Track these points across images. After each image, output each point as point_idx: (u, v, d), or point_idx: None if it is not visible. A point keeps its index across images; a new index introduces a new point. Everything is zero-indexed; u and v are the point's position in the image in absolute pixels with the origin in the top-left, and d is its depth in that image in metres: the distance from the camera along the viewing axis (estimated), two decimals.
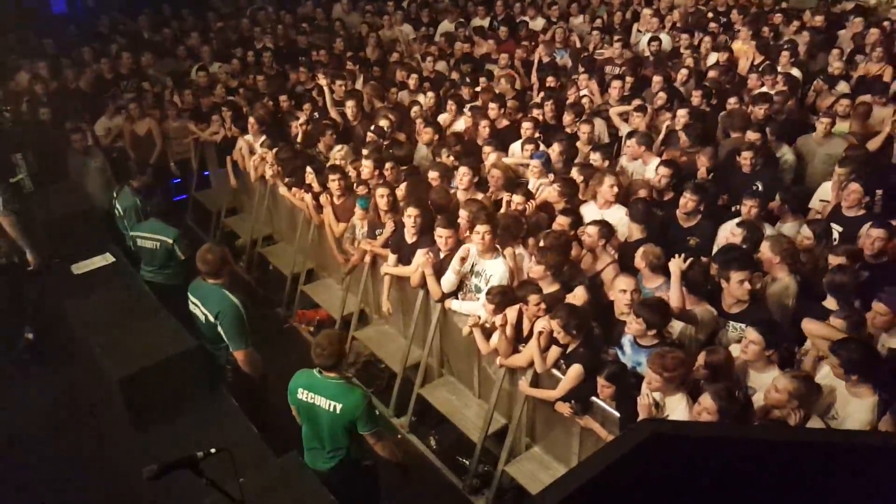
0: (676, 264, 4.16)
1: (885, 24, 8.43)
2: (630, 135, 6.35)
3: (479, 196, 5.59)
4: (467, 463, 4.85)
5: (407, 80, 8.28)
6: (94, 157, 7.32)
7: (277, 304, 6.85)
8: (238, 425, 4.04)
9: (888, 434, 3.21)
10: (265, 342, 4.63)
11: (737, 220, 4.94)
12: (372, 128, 6.92)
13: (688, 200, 5.08)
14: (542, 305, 4.23)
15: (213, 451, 2.69)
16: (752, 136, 5.92)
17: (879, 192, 5.28)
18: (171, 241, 5.39)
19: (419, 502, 4.60)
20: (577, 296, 4.27)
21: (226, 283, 4.31)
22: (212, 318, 4.20)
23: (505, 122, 7.08)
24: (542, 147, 6.22)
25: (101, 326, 4.46)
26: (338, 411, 3.54)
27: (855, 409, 3.55)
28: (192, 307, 4.38)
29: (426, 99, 7.64)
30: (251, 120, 7.35)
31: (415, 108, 7.43)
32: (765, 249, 4.44)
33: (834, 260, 4.39)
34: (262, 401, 4.41)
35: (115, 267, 5.65)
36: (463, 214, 5.11)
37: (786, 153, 6.08)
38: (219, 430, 3.96)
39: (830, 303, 4.14)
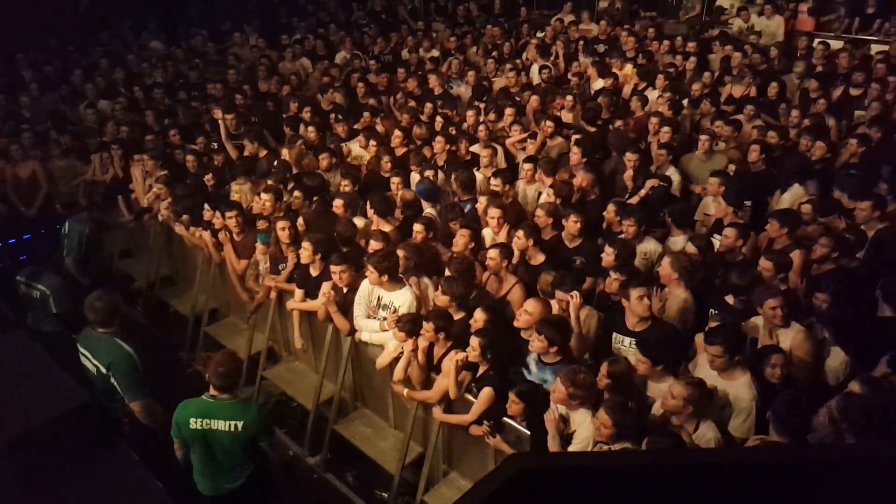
0: (574, 306, 4.29)
1: (747, 47, 9.31)
2: (527, 160, 6.61)
3: (388, 227, 5.62)
4: (386, 496, 4.82)
5: (301, 113, 8.25)
6: None
7: (180, 348, 6.57)
8: (139, 479, 3.81)
9: (748, 449, 3.40)
10: (169, 389, 4.42)
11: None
12: (275, 162, 6.85)
13: (571, 222, 5.30)
14: (441, 335, 4.30)
15: None
16: (630, 156, 6.30)
17: (748, 203, 5.79)
18: (47, 291, 5.11)
19: None
20: (477, 319, 4.34)
21: (117, 331, 4.08)
22: (103, 370, 3.97)
23: (403, 150, 7.20)
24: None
25: None
26: (239, 429, 3.60)
27: (738, 391, 3.88)
28: (82, 359, 4.12)
29: (308, 132, 7.64)
30: (145, 157, 7.11)
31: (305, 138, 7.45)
32: (665, 266, 4.70)
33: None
34: (164, 451, 4.19)
35: None
36: (373, 245, 5.08)
37: (672, 173, 6.44)
38: (119, 487, 3.73)
39: (730, 299, 4.56)
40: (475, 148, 6.99)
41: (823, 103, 7.44)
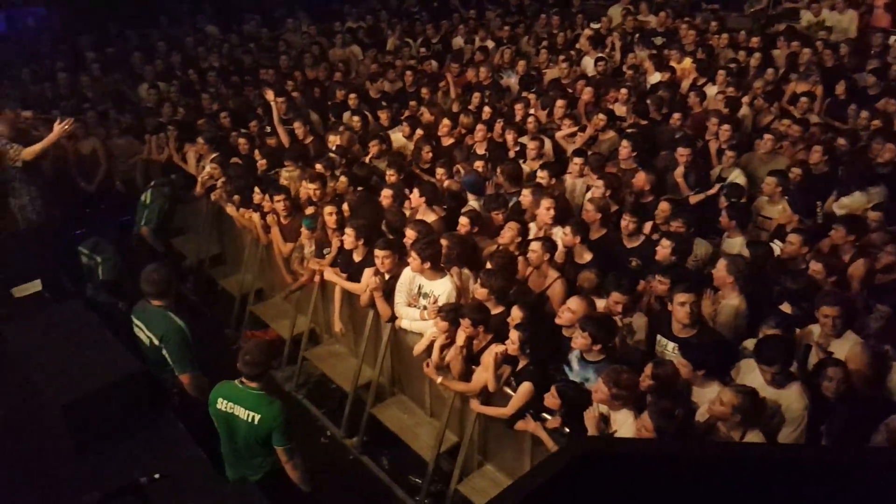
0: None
1: (818, 44, 8.85)
2: (576, 153, 6.52)
3: (432, 217, 5.63)
4: (420, 482, 4.85)
5: (346, 98, 8.31)
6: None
7: (226, 326, 6.74)
8: (186, 450, 3.95)
9: (821, 448, 3.33)
10: (213, 364, 4.55)
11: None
12: (335, 147, 6.93)
13: (628, 222, 5.19)
14: (481, 328, 4.28)
15: (157, 476, 2.64)
16: (682, 152, 6.12)
17: (819, 203, 5.56)
18: (99, 259, 5.31)
19: None
20: (514, 316, 4.29)
21: (171, 305, 4.22)
22: (156, 342, 4.11)
23: (451, 141, 7.19)
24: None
25: (43, 350, 4.31)
26: (255, 422, 3.57)
27: (789, 400, 3.74)
28: (135, 330, 4.28)
29: (354, 120, 7.67)
30: (199, 139, 7.29)
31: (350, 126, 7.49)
32: (721, 269, 4.51)
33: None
34: (211, 423, 4.33)
35: (56, 290, 5.49)
36: (409, 234, 5.12)
37: (737, 176, 6.16)
38: (166, 456, 3.85)
39: (786, 307, 4.36)
40: (523, 139, 6.92)
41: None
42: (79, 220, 6.72)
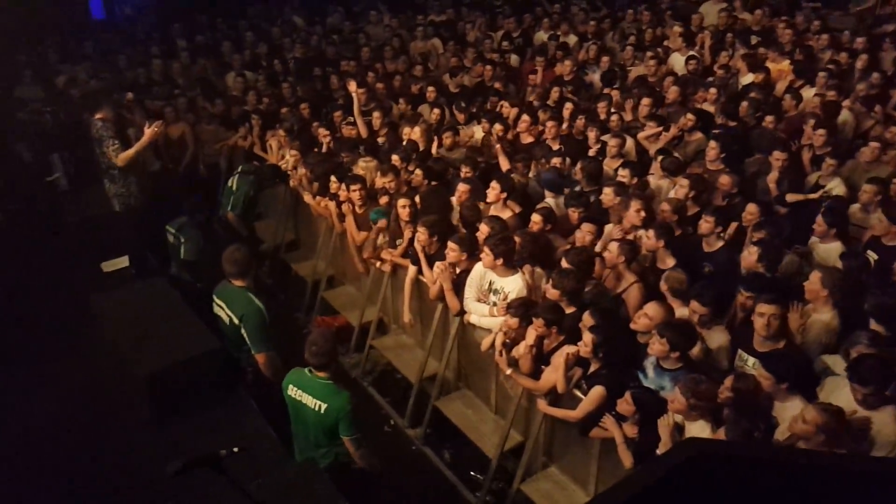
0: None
1: None
2: (660, 152, 6.28)
3: (507, 213, 5.55)
4: (481, 479, 4.81)
5: (423, 91, 8.32)
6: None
7: (297, 310, 6.89)
8: (256, 427, 4.06)
9: None
10: (283, 347, 4.66)
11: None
12: (408, 140, 6.97)
13: (704, 222, 4.96)
14: (553, 329, 4.18)
15: (235, 450, 2.71)
16: (778, 156, 5.78)
17: None
18: (182, 239, 5.54)
19: None
20: (587, 320, 4.16)
21: (251, 286, 4.35)
22: (236, 321, 4.23)
23: (530, 139, 7.08)
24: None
25: (128, 323, 4.53)
26: (322, 411, 3.59)
27: (880, 424, 3.48)
28: (216, 309, 4.42)
29: (433, 114, 7.67)
30: (280, 129, 7.48)
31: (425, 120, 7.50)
32: (815, 280, 4.21)
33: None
34: (282, 404, 4.42)
35: (143, 268, 5.77)
36: (483, 229, 5.07)
37: (836, 185, 5.77)
38: (237, 431, 3.99)
39: (877, 327, 4.02)
40: (604, 137, 6.73)
41: None
42: (167, 201, 6.98)
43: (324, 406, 3.59)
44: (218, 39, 10.74)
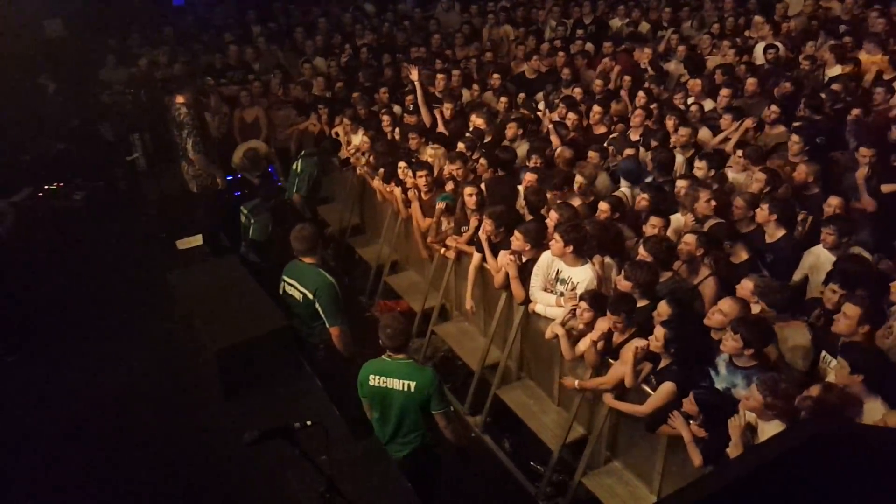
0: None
1: None
2: (739, 145, 6.03)
3: (577, 201, 5.45)
4: (541, 469, 4.76)
5: (490, 78, 8.23)
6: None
7: (361, 293, 6.98)
8: (321, 405, 4.13)
9: None
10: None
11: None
12: (473, 128, 6.93)
13: (759, 210, 4.80)
14: (622, 321, 4.07)
15: (308, 423, 2.76)
16: (866, 152, 5.44)
17: None
18: (252, 220, 5.68)
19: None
20: (661, 312, 4.05)
21: (320, 262, 4.43)
22: (309, 296, 4.30)
23: (602, 129, 6.92)
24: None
25: (201, 299, 4.68)
26: (412, 389, 3.61)
27: None
28: (287, 289, 4.48)
29: (500, 102, 7.58)
30: (345, 116, 7.57)
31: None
32: None
33: None
34: (346, 384, 4.49)
35: (216, 246, 5.97)
36: (552, 216, 5.01)
37: None
38: (302, 408, 4.05)
39: None
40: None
41: None
42: (241, 183, 7.18)
43: (412, 384, 3.61)
44: (292, 26, 10.94)
